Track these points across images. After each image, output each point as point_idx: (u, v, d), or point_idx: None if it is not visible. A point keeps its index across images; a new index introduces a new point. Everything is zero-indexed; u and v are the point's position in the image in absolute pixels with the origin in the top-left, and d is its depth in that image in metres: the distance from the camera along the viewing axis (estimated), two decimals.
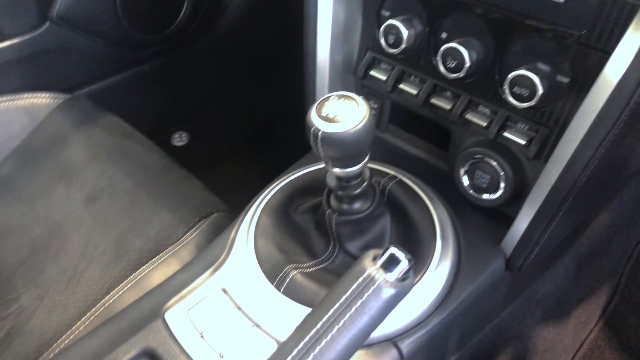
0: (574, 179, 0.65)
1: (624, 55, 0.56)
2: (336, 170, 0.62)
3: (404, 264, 0.47)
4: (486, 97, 0.73)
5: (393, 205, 0.75)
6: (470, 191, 0.77)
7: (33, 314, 0.86)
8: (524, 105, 0.66)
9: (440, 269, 0.70)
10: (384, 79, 0.82)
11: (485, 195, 0.76)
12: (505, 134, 0.72)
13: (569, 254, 1.11)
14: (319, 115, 0.57)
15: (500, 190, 0.74)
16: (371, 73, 0.84)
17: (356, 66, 0.86)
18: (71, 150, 1.08)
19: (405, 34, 0.75)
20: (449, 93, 0.77)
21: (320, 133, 0.56)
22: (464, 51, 0.70)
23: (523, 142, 0.70)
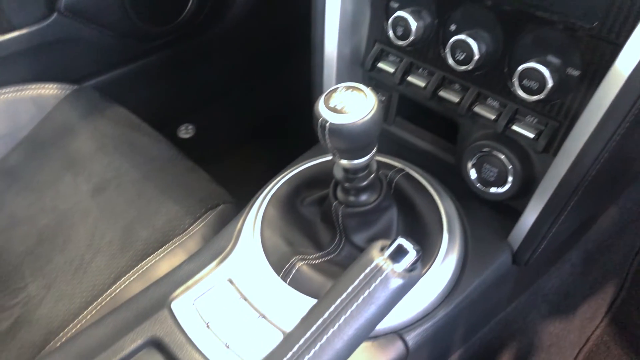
0: (583, 173, 0.64)
1: (635, 48, 0.56)
2: (343, 162, 0.62)
3: (412, 254, 0.47)
4: (495, 90, 0.73)
5: (400, 198, 0.74)
6: (478, 185, 0.77)
7: (40, 303, 0.86)
8: (533, 98, 0.66)
9: (446, 262, 0.69)
10: (392, 71, 0.82)
11: (492, 189, 0.75)
12: (513, 127, 0.71)
13: (576, 249, 1.11)
14: (327, 106, 0.56)
15: (508, 184, 0.73)
16: (379, 65, 0.83)
17: (364, 58, 0.86)
18: (78, 141, 1.09)
19: (414, 25, 0.75)
20: (457, 86, 0.77)
21: (328, 124, 0.56)
22: (473, 43, 0.69)
23: (532, 136, 0.70)
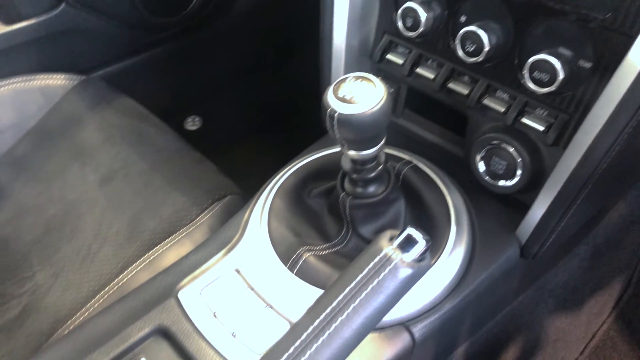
0: (593, 167, 0.64)
1: None
2: (352, 152, 0.61)
3: (422, 244, 0.47)
4: (505, 82, 0.72)
5: (407, 190, 0.74)
6: (486, 177, 0.76)
7: (48, 292, 0.87)
8: (543, 90, 0.65)
9: (454, 254, 0.69)
10: (401, 62, 0.81)
11: (501, 182, 0.75)
12: (523, 119, 0.71)
13: (585, 243, 1.10)
14: (336, 96, 0.56)
15: (517, 177, 0.73)
16: (388, 57, 0.83)
17: (372, 50, 0.85)
18: (86, 132, 1.09)
19: (423, 17, 0.74)
20: (466, 78, 0.76)
21: (336, 114, 0.55)
22: (484, 35, 0.69)
23: (541, 129, 0.69)
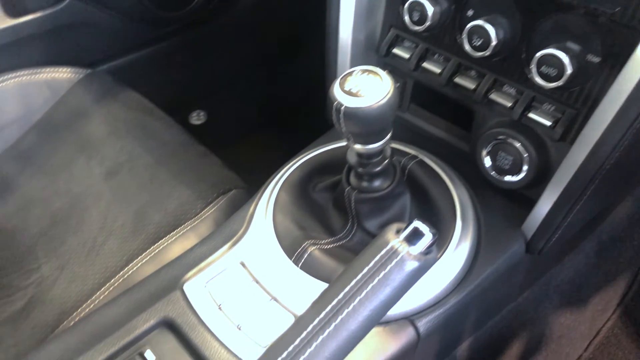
0: (600, 163, 0.64)
1: None
2: (357, 146, 0.61)
3: (428, 237, 0.47)
4: (512, 77, 0.72)
5: (413, 184, 0.74)
6: (492, 173, 0.76)
7: (54, 284, 0.87)
8: (551, 85, 0.65)
9: (459, 249, 0.69)
10: (407, 57, 0.81)
11: (507, 177, 0.75)
12: (530, 114, 0.70)
13: (590, 240, 1.10)
14: (342, 89, 0.56)
15: (523, 173, 0.73)
16: (394, 51, 0.83)
17: (379, 44, 0.85)
18: (92, 125, 1.09)
19: (430, 11, 0.74)
20: (473, 72, 0.76)
21: (343, 108, 0.55)
22: (491, 29, 0.68)
23: (548, 124, 0.69)
